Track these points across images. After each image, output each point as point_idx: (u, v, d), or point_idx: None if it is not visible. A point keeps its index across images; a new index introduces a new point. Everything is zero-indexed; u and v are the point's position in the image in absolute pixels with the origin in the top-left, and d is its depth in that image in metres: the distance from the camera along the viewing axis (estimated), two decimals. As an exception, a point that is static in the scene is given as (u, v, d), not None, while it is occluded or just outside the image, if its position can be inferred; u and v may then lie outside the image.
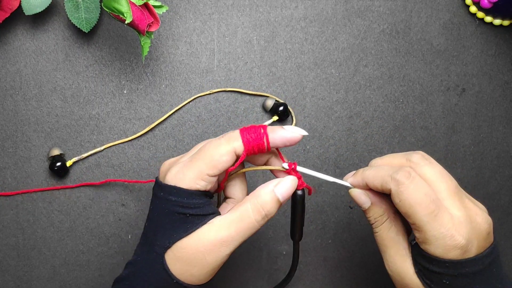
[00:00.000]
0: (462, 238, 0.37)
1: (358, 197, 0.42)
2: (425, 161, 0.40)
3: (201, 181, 0.39)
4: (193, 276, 0.40)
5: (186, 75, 0.55)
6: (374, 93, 0.56)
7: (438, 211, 0.37)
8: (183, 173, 0.39)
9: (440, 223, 0.37)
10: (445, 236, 0.37)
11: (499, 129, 0.57)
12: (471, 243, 0.38)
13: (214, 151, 0.39)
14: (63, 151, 0.54)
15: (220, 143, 0.39)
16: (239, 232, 0.39)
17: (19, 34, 0.54)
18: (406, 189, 0.38)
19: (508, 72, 0.57)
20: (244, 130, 0.40)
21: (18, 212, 0.54)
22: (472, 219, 0.39)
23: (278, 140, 0.40)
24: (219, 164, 0.39)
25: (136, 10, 0.47)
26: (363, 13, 0.56)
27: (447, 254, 0.37)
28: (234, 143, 0.39)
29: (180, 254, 0.39)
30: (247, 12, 0.55)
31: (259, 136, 0.40)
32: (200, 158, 0.39)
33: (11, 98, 0.54)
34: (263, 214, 0.39)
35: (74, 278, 0.54)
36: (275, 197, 0.39)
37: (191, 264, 0.39)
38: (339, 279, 0.57)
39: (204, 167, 0.39)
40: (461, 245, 0.37)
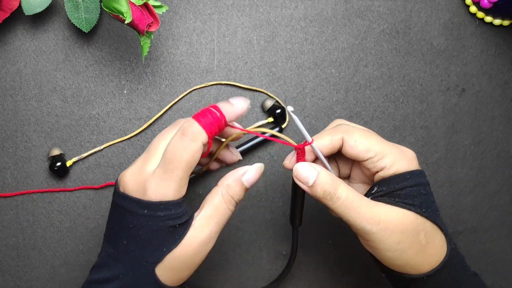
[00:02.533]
0: (412, 152, 0.43)
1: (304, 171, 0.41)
2: (346, 121, 0.45)
3: (183, 187, 0.40)
4: (183, 279, 0.41)
5: (186, 75, 0.55)
6: (374, 93, 0.56)
7: (384, 140, 0.42)
8: (166, 187, 0.39)
9: (393, 145, 0.42)
10: (403, 152, 0.42)
11: (499, 129, 0.57)
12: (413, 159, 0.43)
13: (186, 155, 0.39)
14: (63, 151, 0.54)
15: (187, 144, 0.39)
16: (218, 224, 0.41)
17: (19, 34, 0.54)
18: (355, 131, 0.42)
19: (508, 72, 0.57)
20: (201, 119, 0.39)
21: (18, 212, 0.54)
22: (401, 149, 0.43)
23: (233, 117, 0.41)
24: (194, 163, 0.39)
25: (136, 10, 0.47)
26: (363, 13, 0.56)
27: (412, 165, 0.42)
28: (200, 137, 0.39)
29: (171, 265, 0.40)
30: (247, 12, 0.55)
31: (218, 119, 0.40)
32: (176, 167, 0.39)
33: (11, 98, 0.54)
34: (234, 203, 0.41)
35: (74, 278, 0.54)
36: (242, 185, 0.41)
37: (182, 270, 0.41)
38: (339, 279, 0.57)
39: (183, 174, 0.39)
40: (415, 156, 0.43)
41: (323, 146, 0.42)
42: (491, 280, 0.57)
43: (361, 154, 0.41)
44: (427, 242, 0.41)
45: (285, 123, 0.55)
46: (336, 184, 0.40)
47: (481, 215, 0.57)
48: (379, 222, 0.40)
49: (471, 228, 0.57)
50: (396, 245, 0.40)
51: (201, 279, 0.56)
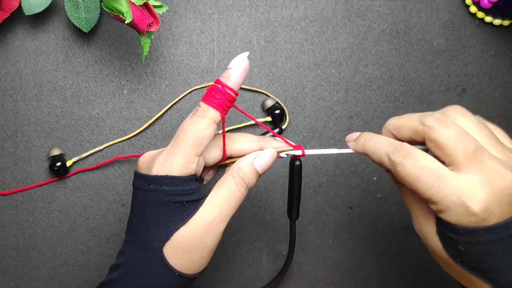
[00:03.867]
0: (476, 205, 0.34)
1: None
2: (440, 124, 0.36)
3: (191, 164, 0.39)
4: (194, 263, 0.40)
5: (186, 75, 0.55)
6: (374, 93, 0.56)
7: (440, 182, 0.35)
8: (171, 161, 0.39)
9: (447, 192, 0.35)
10: (455, 204, 0.34)
11: (499, 129, 0.57)
12: (489, 210, 0.34)
13: (194, 130, 0.39)
14: (63, 151, 0.54)
15: (196, 120, 0.39)
16: (230, 206, 0.40)
17: (19, 34, 0.54)
18: (402, 168, 0.36)
19: (508, 72, 0.57)
20: (207, 98, 0.40)
21: (18, 212, 0.54)
22: (492, 183, 0.35)
23: (237, 79, 0.40)
24: (203, 140, 0.39)
25: (136, 10, 0.47)
26: (363, 13, 0.56)
27: (462, 221, 0.35)
28: (208, 113, 0.39)
29: (179, 244, 0.39)
30: (247, 12, 0.55)
31: (221, 91, 0.40)
32: (183, 140, 0.39)
33: (11, 98, 0.54)
34: (245, 186, 0.41)
35: (74, 278, 0.54)
36: (254, 169, 0.41)
37: (192, 251, 0.39)
38: (339, 279, 0.57)
39: (190, 148, 0.39)
40: (475, 212, 0.34)
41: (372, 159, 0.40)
42: (491, 280, 0.57)
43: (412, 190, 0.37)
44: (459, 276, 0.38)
45: (285, 124, 0.55)
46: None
47: (481, 215, 0.57)
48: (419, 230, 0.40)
49: (471, 228, 0.57)
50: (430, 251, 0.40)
51: (201, 279, 0.56)
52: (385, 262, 0.57)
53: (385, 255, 0.57)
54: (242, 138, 0.42)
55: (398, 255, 0.57)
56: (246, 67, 0.40)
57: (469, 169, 0.35)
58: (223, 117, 0.40)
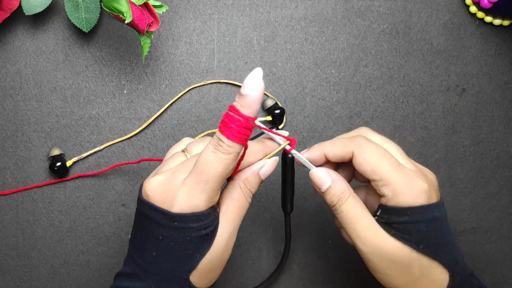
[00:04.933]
0: (424, 183, 0.40)
1: (320, 177, 0.42)
2: (371, 131, 0.43)
3: (215, 198, 0.39)
4: (213, 279, 0.42)
5: (186, 75, 0.55)
6: (374, 93, 0.56)
7: (399, 164, 0.41)
8: (197, 199, 0.38)
9: (404, 172, 0.40)
10: (412, 183, 0.40)
11: (499, 129, 0.57)
12: (430, 189, 0.40)
13: (221, 168, 0.37)
14: (63, 151, 0.54)
15: (222, 158, 0.37)
16: (239, 218, 0.41)
17: (19, 34, 0.54)
18: (368, 147, 0.41)
19: (508, 72, 0.57)
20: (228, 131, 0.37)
21: (18, 212, 0.54)
22: (423, 172, 0.42)
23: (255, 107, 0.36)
24: (227, 176, 0.39)
25: (136, 10, 0.47)
26: (363, 13, 0.56)
27: (417, 199, 0.39)
28: (234, 150, 0.37)
29: (206, 268, 0.40)
30: (247, 12, 0.55)
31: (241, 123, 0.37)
32: (210, 179, 0.37)
33: (11, 98, 0.54)
34: (251, 195, 0.42)
35: (74, 278, 0.54)
36: (260, 178, 0.42)
37: (215, 270, 0.41)
38: (339, 279, 0.57)
39: (216, 186, 0.38)
40: (426, 188, 0.40)
41: (332, 154, 0.42)
42: (491, 280, 0.57)
43: (367, 173, 0.41)
44: (421, 275, 0.40)
45: (282, 124, 0.55)
46: (343, 198, 0.42)
47: (480, 215, 0.57)
48: (371, 245, 0.41)
49: (471, 229, 0.57)
50: (385, 270, 0.41)
51: (201, 279, 0.56)
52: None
53: (385, 255, 0.57)
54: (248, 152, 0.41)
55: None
56: (263, 90, 0.36)
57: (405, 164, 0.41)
58: (245, 150, 0.39)
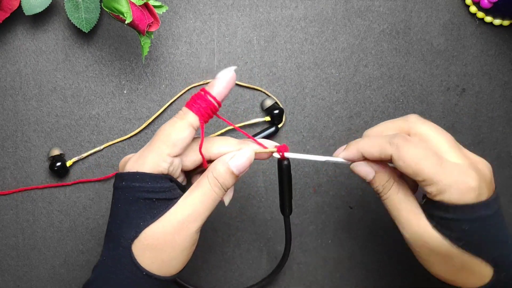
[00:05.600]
0: (473, 180, 0.38)
1: (362, 170, 0.42)
2: (420, 120, 0.42)
3: (163, 163, 0.39)
4: (164, 263, 0.39)
5: (186, 75, 0.55)
6: (374, 93, 0.56)
7: (442, 161, 0.38)
8: (143, 158, 0.39)
9: (449, 170, 0.38)
10: (457, 181, 0.38)
11: (499, 129, 0.57)
12: (481, 186, 0.38)
13: (170, 129, 0.39)
14: (63, 151, 0.54)
15: (174, 121, 0.40)
16: (204, 206, 0.40)
17: (19, 34, 0.54)
18: (407, 150, 0.39)
19: (508, 72, 0.57)
20: (189, 103, 0.40)
21: (18, 212, 0.54)
22: (475, 165, 0.39)
23: (221, 89, 0.41)
24: (178, 142, 0.39)
25: (136, 10, 0.47)
26: (363, 13, 0.56)
27: (463, 198, 0.38)
28: (187, 117, 0.40)
29: (148, 241, 0.38)
30: (247, 12, 0.55)
31: (205, 99, 0.40)
32: (158, 140, 0.39)
33: (11, 98, 0.54)
34: (219, 186, 0.40)
35: (74, 278, 0.54)
36: (229, 169, 0.41)
37: (161, 249, 0.39)
38: (339, 279, 0.57)
39: (164, 148, 0.39)
40: (474, 187, 0.38)
41: (370, 155, 0.41)
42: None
43: (409, 175, 0.39)
44: (462, 268, 0.40)
45: (282, 123, 0.55)
46: (388, 186, 0.42)
47: (481, 215, 0.57)
48: (412, 232, 0.41)
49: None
50: (426, 257, 0.41)
51: (201, 279, 0.56)
52: (385, 262, 0.57)
53: (385, 255, 0.57)
54: (221, 141, 0.42)
55: (398, 255, 0.57)
56: (231, 79, 0.40)
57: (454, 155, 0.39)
58: (201, 123, 0.40)
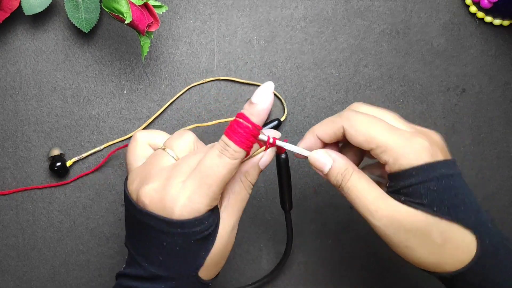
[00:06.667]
0: (424, 141, 0.38)
1: (319, 159, 0.41)
2: (363, 104, 0.42)
3: (216, 201, 0.39)
4: (219, 269, 0.42)
5: (186, 75, 0.55)
6: (374, 93, 0.56)
7: (392, 128, 0.39)
8: (199, 202, 0.37)
9: (400, 134, 0.38)
10: (410, 142, 0.38)
11: (499, 129, 0.57)
12: (433, 148, 0.38)
13: (224, 172, 0.37)
14: (63, 151, 0.54)
15: (227, 162, 0.37)
16: (240, 210, 0.42)
17: (19, 34, 0.54)
18: (357, 118, 0.39)
19: (508, 72, 0.57)
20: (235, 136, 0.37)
21: (18, 212, 0.54)
22: (424, 132, 0.40)
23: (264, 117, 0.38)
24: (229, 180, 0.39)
25: (136, 10, 0.47)
26: (363, 13, 0.56)
27: (420, 157, 0.38)
28: (239, 155, 0.38)
29: (212, 263, 0.40)
30: (247, 12, 0.55)
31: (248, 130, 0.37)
32: (212, 182, 0.37)
33: (11, 98, 0.54)
34: (252, 186, 0.42)
35: (74, 278, 0.54)
36: (259, 169, 0.42)
37: (220, 262, 0.41)
38: (339, 280, 0.57)
39: (219, 191, 0.38)
40: (427, 146, 0.38)
41: (324, 134, 0.41)
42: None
43: (362, 144, 0.39)
44: (444, 241, 0.38)
45: (284, 116, 0.55)
46: (347, 174, 0.40)
47: (481, 215, 0.57)
48: (383, 217, 0.38)
49: (471, 228, 0.57)
50: (404, 243, 0.38)
51: (201, 279, 0.56)
52: (385, 262, 0.57)
53: (385, 255, 0.57)
54: None
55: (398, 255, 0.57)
56: (272, 103, 0.38)
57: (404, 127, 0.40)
58: (248, 154, 0.39)
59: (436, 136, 0.41)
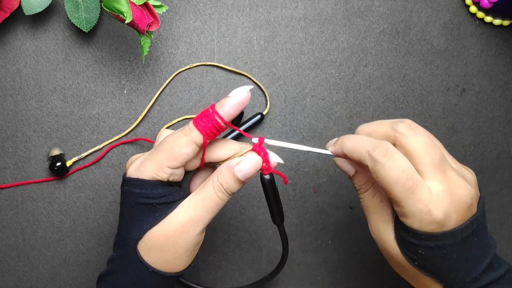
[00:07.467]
0: (440, 212, 0.37)
1: (343, 166, 0.43)
2: (411, 131, 0.39)
3: (161, 173, 0.40)
4: (168, 262, 0.41)
5: (186, 75, 0.55)
6: (374, 93, 0.56)
7: (415, 188, 0.37)
8: (144, 166, 0.40)
9: (417, 198, 0.37)
10: (422, 212, 0.37)
11: (499, 129, 0.57)
12: (449, 217, 0.37)
13: (173, 144, 0.40)
14: (63, 151, 0.54)
15: (179, 136, 0.40)
16: (206, 209, 0.41)
17: (19, 34, 0.54)
18: (382, 168, 0.37)
19: (508, 72, 0.57)
20: (196, 118, 0.40)
21: (18, 212, 0.54)
22: (453, 192, 0.38)
23: (230, 110, 0.39)
24: (179, 156, 0.40)
25: (136, 10, 0.47)
26: (363, 13, 0.56)
27: (424, 228, 0.37)
28: (191, 133, 0.40)
29: (151, 242, 0.40)
30: (247, 12, 0.55)
31: (210, 118, 0.40)
32: (160, 151, 0.40)
33: (11, 98, 0.54)
34: (223, 190, 0.41)
35: (74, 278, 0.54)
36: (234, 175, 0.41)
37: (164, 250, 0.40)
38: (339, 280, 0.57)
39: (164, 160, 0.40)
40: (438, 219, 0.37)
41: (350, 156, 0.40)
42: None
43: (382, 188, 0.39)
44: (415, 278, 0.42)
45: (266, 109, 0.55)
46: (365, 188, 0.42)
47: (481, 215, 0.57)
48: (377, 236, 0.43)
49: (471, 228, 0.57)
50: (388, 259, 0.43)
51: (201, 279, 0.56)
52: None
53: (385, 255, 0.57)
54: (221, 145, 0.42)
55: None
56: (244, 100, 0.39)
57: (433, 177, 0.38)
58: (205, 141, 0.40)
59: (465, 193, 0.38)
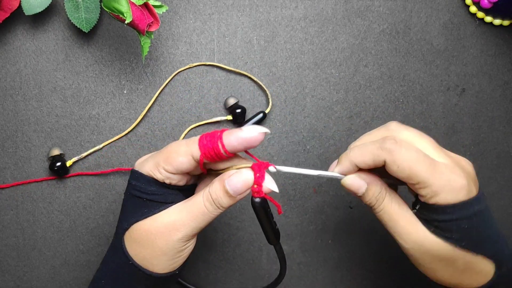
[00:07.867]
0: (462, 178, 0.39)
1: (353, 183, 0.42)
2: (401, 126, 0.42)
3: (157, 173, 0.41)
4: (146, 259, 0.41)
5: (186, 75, 0.55)
6: (374, 93, 0.56)
7: (435, 163, 0.39)
8: (146, 161, 0.42)
9: (440, 171, 0.39)
10: (450, 181, 0.39)
11: (499, 129, 0.57)
12: (469, 183, 0.39)
13: (173, 149, 0.40)
14: (63, 151, 0.54)
15: (181, 144, 0.40)
16: (191, 217, 0.40)
17: (19, 34, 0.54)
18: (400, 153, 0.39)
19: (508, 72, 0.57)
20: (204, 135, 0.39)
21: (18, 212, 0.54)
22: (459, 164, 0.41)
23: (235, 143, 0.38)
24: (174, 163, 0.40)
25: (136, 10, 0.47)
26: (363, 13, 0.56)
27: (457, 196, 0.39)
28: (192, 146, 0.39)
29: (134, 235, 0.41)
30: (247, 12, 0.55)
31: (214, 140, 0.39)
32: (161, 152, 0.41)
33: (11, 98, 0.54)
34: (211, 201, 0.40)
35: (74, 278, 0.54)
36: (224, 188, 0.40)
37: (143, 246, 0.41)
38: (339, 279, 0.57)
39: (161, 161, 0.40)
40: (464, 184, 0.39)
41: (364, 164, 0.41)
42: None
43: (403, 179, 0.40)
44: (466, 268, 0.40)
45: (268, 108, 0.55)
46: (381, 197, 0.42)
47: (481, 215, 0.57)
48: (412, 242, 0.41)
49: (471, 228, 0.57)
50: (429, 265, 0.41)
51: (201, 279, 0.56)
52: (385, 262, 0.57)
53: (385, 255, 0.57)
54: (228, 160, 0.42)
55: (398, 255, 0.57)
56: (253, 139, 0.38)
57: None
58: (201, 159, 0.39)
59: (469, 166, 0.42)
